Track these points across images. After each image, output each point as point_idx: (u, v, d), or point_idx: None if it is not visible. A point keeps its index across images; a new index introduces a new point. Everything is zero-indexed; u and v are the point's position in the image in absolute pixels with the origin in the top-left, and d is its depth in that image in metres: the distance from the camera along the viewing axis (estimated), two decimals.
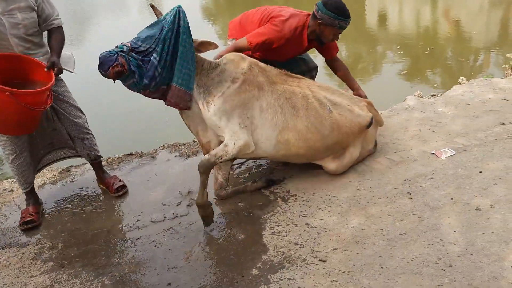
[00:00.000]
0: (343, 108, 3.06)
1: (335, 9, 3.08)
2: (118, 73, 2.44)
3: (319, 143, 2.96)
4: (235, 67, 2.82)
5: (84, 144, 3.19)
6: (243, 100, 2.76)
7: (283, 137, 2.87)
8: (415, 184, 2.95)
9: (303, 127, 2.89)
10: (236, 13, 3.67)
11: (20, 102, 2.54)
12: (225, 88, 2.74)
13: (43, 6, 2.85)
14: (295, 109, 2.88)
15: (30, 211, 3.10)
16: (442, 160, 3.15)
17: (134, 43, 2.50)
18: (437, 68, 6.98)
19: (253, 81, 2.82)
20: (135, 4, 15.25)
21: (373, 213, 2.74)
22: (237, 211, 2.97)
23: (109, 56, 2.42)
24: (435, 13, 10.64)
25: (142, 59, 2.49)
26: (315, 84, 3.12)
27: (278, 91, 2.88)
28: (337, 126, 3.00)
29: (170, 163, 3.65)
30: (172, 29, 2.50)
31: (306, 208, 2.88)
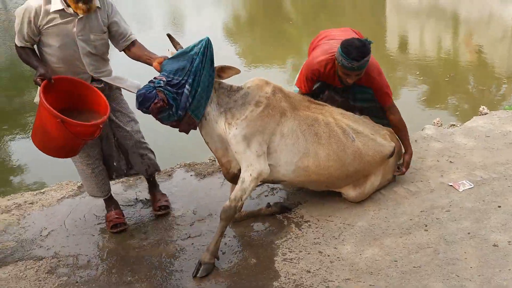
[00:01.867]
0: (365, 136, 3.05)
1: (344, 47, 2.91)
2: (159, 108, 2.48)
3: (340, 171, 2.96)
4: (259, 91, 2.84)
5: (142, 160, 3.21)
6: (265, 125, 2.77)
7: (303, 163, 2.87)
8: (431, 216, 2.92)
9: (324, 154, 2.89)
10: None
11: (69, 131, 2.60)
12: (248, 111, 2.75)
13: (118, 23, 2.89)
14: (317, 136, 2.89)
15: (115, 216, 3.17)
16: (459, 193, 3.12)
17: (167, 77, 2.53)
18: (457, 95, 6.91)
19: (276, 106, 2.83)
20: (158, 18, 15.57)
21: (387, 244, 2.71)
22: (250, 234, 2.97)
23: (149, 93, 2.45)
24: (456, 40, 10.61)
25: (176, 91, 2.52)
26: (338, 111, 3.11)
27: (301, 117, 2.89)
28: (359, 154, 2.99)
29: (185, 182, 3.68)
30: (202, 61, 2.55)
31: (319, 235, 2.87)
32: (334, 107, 3.14)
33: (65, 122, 2.55)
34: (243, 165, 2.74)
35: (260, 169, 2.74)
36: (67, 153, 2.85)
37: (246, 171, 2.72)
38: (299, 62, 9.98)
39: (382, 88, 3.13)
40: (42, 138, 2.73)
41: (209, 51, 2.58)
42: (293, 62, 9.86)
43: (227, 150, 2.81)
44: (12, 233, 3.22)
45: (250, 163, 2.72)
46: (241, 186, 2.71)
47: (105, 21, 2.85)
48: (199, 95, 2.59)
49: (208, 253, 2.68)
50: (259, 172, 2.73)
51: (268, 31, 13.02)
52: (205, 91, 2.61)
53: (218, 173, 3.76)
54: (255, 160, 2.73)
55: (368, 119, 3.24)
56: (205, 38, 2.60)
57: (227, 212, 2.69)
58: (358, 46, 2.88)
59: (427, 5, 15.22)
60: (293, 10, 16.89)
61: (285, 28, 13.12)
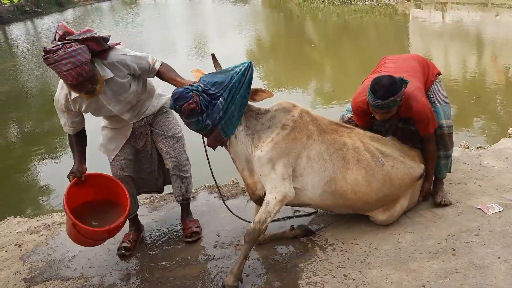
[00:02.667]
0: (395, 159, 3.01)
1: (372, 84, 2.87)
2: (191, 110, 2.53)
3: (368, 196, 2.93)
4: (286, 114, 2.85)
5: (181, 184, 3.23)
6: (290, 148, 2.76)
7: (331, 188, 2.85)
8: (459, 240, 2.85)
9: (352, 179, 2.87)
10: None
11: (81, 233, 2.77)
12: (275, 134, 2.77)
13: (136, 67, 2.83)
14: (345, 160, 2.86)
15: (130, 238, 3.23)
16: (488, 216, 3.04)
17: (205, 86, 2.60)
18: (484, 117, 6.80)
19: (303, 129, 2.83)
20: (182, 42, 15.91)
21: (414, 269, 2.66)
22: (273, 257, 2.96)
23: (186, 93, 2.52)
24: (482, 61, 10.48)
25: (210, 100, 2.59)
26: (366, 134, 3.07)
27: (328, 141, 2.88)
28: (389, 179, 2.96)
29: (209, 203, 3.71)
30: (240, 80, 2.62)
31: (344, 258, 2.83)
32: (362, 130, 3.11)
33: (76, 226, 2.72)
34: (268, 187, 2.74)
35: (285, 191, 2.73)
36: (91, 245, 2.98)
37: (271, 193, 2.72)
38: (321, 85, 10.06)
39: (423, 120, 2.99)
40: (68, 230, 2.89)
41: (249, 74, 2.66)
42: (315, 86, 9.92)
43: (254, 172, 2.83)
44: (41, 253, 3.29)
45: (275, 186, 2.72)
46: (265, 209, 2.71)
47: (125, 77, 2.82)
48: (231, 112, 2.64)
49: (231, 275, 2.67)
50: (284, 195, 2.73)
51: (290, 55, 13.16)
52: (237, 110, 2.67)
53: (242, 195, 3.78)
54: (280, 183, 2.73)
55: (395, 140, 3.19)
56: (248, 61, 2.69)
57: (251, 235, 2.69)
58: (385, 84, 2.82)
59: (451, 26, 15.17)
60: (316, 34, 17.05)
61: (307, 52, 13.24)
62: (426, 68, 3.26)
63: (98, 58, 2.71)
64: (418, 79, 3.10)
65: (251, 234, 2.69)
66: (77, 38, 2.58)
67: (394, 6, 20.57)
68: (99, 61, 2.72)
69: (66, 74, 2.52)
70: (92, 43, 2.63)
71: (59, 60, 2.49)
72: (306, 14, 22.24)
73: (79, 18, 29.62)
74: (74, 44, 2.55)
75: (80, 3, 36.69)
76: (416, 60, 3.29)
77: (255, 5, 28.68)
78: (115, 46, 2.83)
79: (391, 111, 2.94)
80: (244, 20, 21.28)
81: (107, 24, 23.43)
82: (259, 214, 2.71)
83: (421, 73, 3.18)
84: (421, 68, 3.22)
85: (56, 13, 31.74)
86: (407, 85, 2.88)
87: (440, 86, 3.30)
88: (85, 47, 2.58)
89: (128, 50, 2.86)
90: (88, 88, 2.64)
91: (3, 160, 7.04)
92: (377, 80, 2.87)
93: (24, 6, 30.29)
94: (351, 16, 19.62)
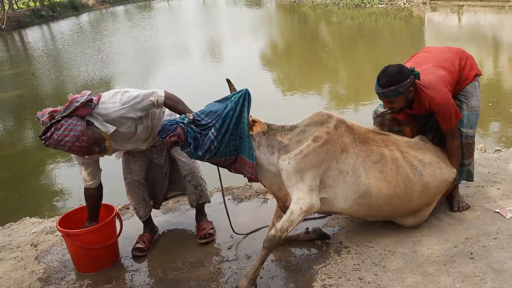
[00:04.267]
0: (433, 166, 2.94)
1: (380, 72, 2.85)
2: (173, 142, 2.55)
3: (404, 207, 2.90)
4: (319, 126, 2.76)
5: (195, 190, 3.25)
6: (321, 161, 2.69)
7: (365, 201, 2.80)
8: (477, 243, 2.80)
9: (390, 192, 2.81)
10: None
11: (75, 242, 2.91)
12: (305, 146, 2.69)
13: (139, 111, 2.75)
14: (383, 173, 2.79)
15: (144, 239, 3.25)
16: (507, 220, 2.98)
17: (197, 116, 2.60)
18: (501, 121, 6.70)
19: (337, 141, 2.74)
20: (197, 47, 16.00)
21: (431, 272, 2.61)
22: (288, 259, 2.93)
23: (170, 125, 2.55)
24: (498, 64, 10.34)
25: (201, 132, 2.58)
26: (403, 140, 3.00)
27: (364, 154, 2.79)
28: (426, 188, 2.91)
29: (223, 206, 3.68)
30: (234, 108, 2.59)
31: (359, 261, 2.80)
32: (400, 136, 3.04)
33: (69, 235, 2.93)
34: (294, 197, 2.69)
35: (311, 203, 2.68)
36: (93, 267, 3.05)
37: (297, 203, 2.67)
38: (335, 88, 10.01)
39: (443, 113, 2.89)
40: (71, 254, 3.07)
41: (246, 102, 2.62)
42: (329, 89, 9.88)
43: (283, 184, 2.78)
44: (56, 253, 3.31)
45: (301, 196, 2.67)
46: (288, 218, 2.65)
47: (129, 127, 2.79)
48: (228, 142, 2.62)
49: (246, 279, 2.64)
50: (310, 206, 2.67)
51: (304, 58, 13.15)
52: (233, 139, 2.63)
53: (255, 197, 3.76)
54: (306, 194, 2.67)
55: (425, 139, 3.13)
56: (244, 89, 2.65)
57: (271, 241, 2.64)
58: (389, 73, 2.78)
59: (467, 30, 15.01)
60: (330, 37, 17.01)
61: (321, 55, 13.21)
62: (463, 64, 3.05)
63: (94, 117, 2.65)
64: (448, 71, 2.95)
65: (271, 240, 2.64)
66: (64, 115, 2.54)
67: (409, 9, 20.44)
68: (97, 119, 2.65)
69: (69, 151, 2.59)
70: (81, 110, 2.57)
71: (57, 144, 2.52)
72: (320, 17, 22.22)
73: (95, 21, 30.01)
74: (64, 122, 2.52)
75: (95, 7, 37.17)
76: (454, 54, 3.08)
77: (269, 8, 28.75)
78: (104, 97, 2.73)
79: (394, 101, 2.86)
80: (258, 24, 21.34)
81: (122, 28, 23.69)
82: (282, 222, 2.66)
83: (455, 67, 2.99)
84: (457, 62, 3.02)
85: (72, 17, 32.23)
86: (417, 76, 2.80)
87: (476, 90, 3.08)
88: (75, 119, 2.54)
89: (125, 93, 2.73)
90: (96, 151, 2.67)
91: (20, 163, 7.15)
92: (385, 68, 2.83)
93: (41, 11, 30.85)
94: (365, 19, 19.55)
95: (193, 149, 2.59)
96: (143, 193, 3.21)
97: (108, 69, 13.55)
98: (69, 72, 13.96)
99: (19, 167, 6.98)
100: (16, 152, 7.68)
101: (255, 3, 31.38)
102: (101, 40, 20.06)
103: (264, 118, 2.74)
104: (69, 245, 2.99)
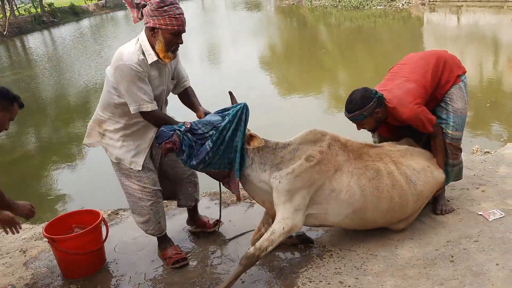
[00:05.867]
0: (425, 173, 2.97)
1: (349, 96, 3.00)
2: (168, 149, 2.57)
3: (398, 217, 2.94)
4: (312, 145, 2.74)
5: (195, 189, 3.25)
6: (313, 181, 2.68)
7: (359, 216, 2.82)
8: (458, 246, 2.81)
9: (385, 207, 2.83)
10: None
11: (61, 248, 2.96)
12: (297, 165, 2.66)
13: (179, 69, 2.97)
14: (378, 190, 2.80)
15: (174, 252, 3.07)
16: (489, 222, 2.99)
17: (195, 125, 2.61)
18: (499, 122, 6.67)
19: (331, 160, 2.73)
20: (195, 49, 16.03)
21: (411, 275, 2.63)
22: (271, 263, 2.95)
23: (166, 132, 2.56)
24: (497, 65, 10.32)
25: (196, 141, 2.59)
26: (395, 149, 3.01)
27: (359, 171, 2.79)
28: (421, 196, 2.96)
29: (209, 210, 3.72)
30: (231, 121, 2.59)
31: (341, 265, 2.82)
32: (392, 145, 3.06)
33: (55, 241, 2.96)
34: (279, 215, 2.68)
35: (294, 224, 2.67)
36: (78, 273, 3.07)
37: (280, 223, 2.66)
38: (334, 90, 10.03)
39: (417, 124, 2.96)
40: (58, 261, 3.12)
41: (243, 115, 2.61)
42: (329, 91, 9.89)
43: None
44: (44, 259, 3.34)
45: (286, 216, 2.66)
46: (269, 237, 2.64)
47: (172, 67, 2.90)
48: (225, 153, 2.63)
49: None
50: (292, 227, 2.67)
51: (303, 60, 13.16)
52: (228, 152, 2.63)
53: (242, 201, 3.78)
54: (291, 214, 2.66)
55: (411, 142, 3.17)
56: (242, 103, 2.65)
57: (249, 259, 2.62)
58: (354, 98, 2.94)
59: (466, 30, 15.00)
60: (329, 39, 17.03)
61: (320, 57, 13.22)
62: (440, 69, 3.04)
63: None
64: (417, 82, 2.96)
65: (249, 258, 2.62)
66: None
67: (408, 10, 20.44)
68: None
69: (178, 16, 2.60)
70: None
71: (174, 2, 2.59)
72: (319, 20, 22.24)
73: (95, 27, 30.15)
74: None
75: (95, 12, 37.33)
76: (429, 60, 3.06)
77: (268, 11, 28.80)
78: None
79: (364, 123, 3.00)
80: (257, 27, 21.40)
81: (123, 32, 23.79)
82: (262, 241, 2.65)
83: (427, 76, 2.99)
84: (431, 69, 3.01)
85: (72, 22, 32.38)
86: (381, 98, 2.91)
87: (461, 92, 3.08)
88: None
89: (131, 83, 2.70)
90: (179, 43, 2.69)
91: (19, 168, 7.20)
92: (351, 93, 2.99)
93: (42, 17, 31.05)
94: (364, 21, 19.56)
95: (186, 157, 2.61)
96: (162, 206, 3.07)
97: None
98: (70, 76, 14.06)
99: (18, 172, 7.03)
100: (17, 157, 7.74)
101: (254, 6, 31.45)
102: (101, 45, 20.17)
103: (263, 121, 2.76)
104: (55, 251, 3.03)
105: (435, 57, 3.10)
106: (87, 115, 9.17)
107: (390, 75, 3.17)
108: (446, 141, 3.11)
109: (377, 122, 3.03)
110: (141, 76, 2.64)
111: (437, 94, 3.08)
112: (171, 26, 2.60)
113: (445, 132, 3.10)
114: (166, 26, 2.60)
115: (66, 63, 16.97)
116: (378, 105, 2.92)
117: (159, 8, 2.57)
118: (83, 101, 11.13)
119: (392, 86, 3.01)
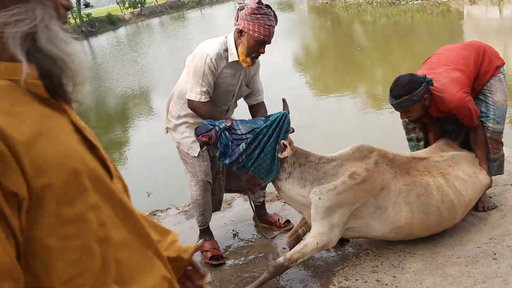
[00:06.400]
0: (472, 180, 2.87)
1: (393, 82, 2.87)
2: (204, 142, 2.60)
3: (444, 228, 2.85)
4: (358, 162, 2.64)
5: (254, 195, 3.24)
6: (357, 199, 2.59)
7: (404, 231, 2.72)
8: (501, 243, 2.70)
9: (433, 222, 2.74)
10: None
11: None
12: (340, 182, 2.56)
13: (256, 80, 3.03)
14: (427, 206, 2.70)
15: (211, 246, 3.09)
16: None
17: (235, 125, 2.61)
18: None
19: (377, 179, 2.62)
20: None
21: (451, 273, 2.55)
22: (305, 261, 2.92)
23: (206, 125, 2.60)
24: None
25: (233, 140, 2.58)
26: (441, 159, 2.89)
27: (407, 188, 2.69)
28: (469, 205, 2.89)
29: (244, 210, 3.73)
30: (268, 127, 2.58)
31: (378, 263, 2.76)
32: (438, 156, 2.93)
33: None
34: (314, 229, 2.62)
35: (329, 240, 2.61)
36: None
37: (315, 237, 2.60)
38: (370, 89, 9.87)
39: (463, 114, 2.85)
40: None
41: (282, 123, 2.58)
42: (365, 90, 9.75)
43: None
44: None
45: (322, 232, 2.59)
46: (301, 249, 2.58)
47: (250, 75, 2.97)
48: (259, 159, 2.60)
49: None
50: (326, 243, 2.62)
51: (338, 60, 13.04)
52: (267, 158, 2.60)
53: (277, 201, 3.78)
54: (327, 230, 2.59)
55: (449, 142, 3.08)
56: (283, 112, 2.64)
57: (276, 268, 2.57)
58: (401, 83, 2.78)
59: (509, 22, 14.40)
60: (365, 37, 16.80)
61: (356, 56, 13.05)
62: (480, 59, 2.94)
63: None
64: (462, 71, 2.88)
65: (277, 267, 2.57)
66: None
67: (446, 3, 19.86)
68: None
69: (268, 27, 2.67)
70: None
71: (268, 14, 2.67)
72: (354, 17, 21.97)
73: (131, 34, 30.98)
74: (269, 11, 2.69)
75: (131, 20, 38.40)
76: (469, 50, 2.98)
77: (301, 11, 28.74)
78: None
79: (410, 110, 2.85)
80: (292, 27, 21.35)
81: (159, 39, 24.33)
82: (293, 252, 2.60)
83: (470, 65, 2.90)
84: (473, 59, 2.92)
85: (109, 31, 33.40)
86: (430, 83, 2.77)
87: (500, 84, 2.98)
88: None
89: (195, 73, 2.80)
90: (261, 52, 2.75)
91: None
92: (397, 78, 2.82)
93: (80, 27, 32.26)
94: (401, 17, 19.18)
95: (220, 154, 2.63)
96: (210, 198, 3.10)
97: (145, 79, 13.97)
98: (109, 83, 14.50)
99: None
100: None
101: (288, 6, 31.46)
102: (137, 52, 20.70)
103: (299, 121, 2.72)
104: None
105: (475, 46, 3.01)
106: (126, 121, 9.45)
107: (428, 65, 3.06)
108: (487, 134, 3.00)
109: (424, 110, 2.88)
110: (211, 69, 2.75)
111: (476, 86, 2.97)
112: (258, 34, 2.67)
113: (486, 126, 2.99)
114: (254, 32, 2.67)
115: (105, 71, 17.52)
116: (426, 91, 2.78)
117: (253, 14, 2.65)
118: (122, 108, 11.45)
119: (435, 75, 2.86)
